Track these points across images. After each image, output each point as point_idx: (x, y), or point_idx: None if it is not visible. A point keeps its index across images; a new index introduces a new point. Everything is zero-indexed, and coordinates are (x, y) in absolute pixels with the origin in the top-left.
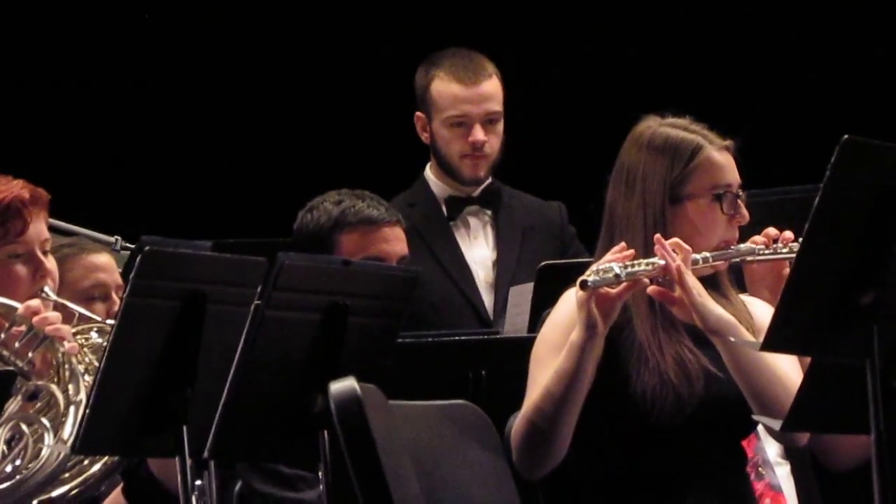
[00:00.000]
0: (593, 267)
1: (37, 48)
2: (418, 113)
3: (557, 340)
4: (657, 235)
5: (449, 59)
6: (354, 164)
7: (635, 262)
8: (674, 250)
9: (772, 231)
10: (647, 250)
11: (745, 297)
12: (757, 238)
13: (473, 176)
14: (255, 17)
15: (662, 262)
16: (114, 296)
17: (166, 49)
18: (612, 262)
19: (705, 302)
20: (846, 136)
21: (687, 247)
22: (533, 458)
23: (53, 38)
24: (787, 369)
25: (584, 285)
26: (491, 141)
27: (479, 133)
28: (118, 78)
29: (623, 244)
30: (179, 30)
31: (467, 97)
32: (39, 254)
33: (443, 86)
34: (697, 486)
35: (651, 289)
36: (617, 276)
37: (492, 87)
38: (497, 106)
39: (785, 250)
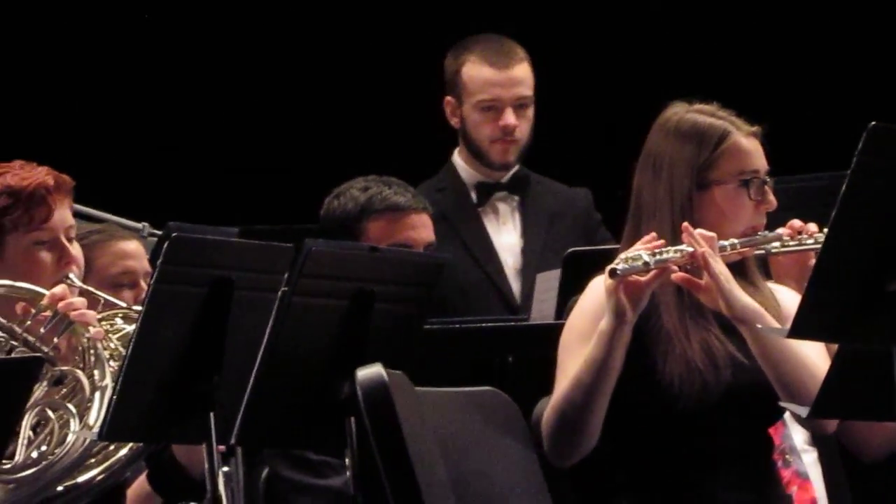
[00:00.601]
0: (622, 255)
1: (63, 34)
2: (448, 97)
3: (585, 328)
4: (685, 224)
5: (480, 43)
6: (381, 149)
7: (663, 249)
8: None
9: (796, 223)
10: (674, 236)
11: (772, 285)
12: (781, 230)
13: (503, 161)
14: (278, 3)
15: (690, 250)
16: (142, 283)
17: (192, 34)
18: (641, 251)
19: (732, 289)
20: (873, 123)
21: (713, 234)
22: (564, 446)
23: (78, 24)
24: (814, 356)
25: (613, 273)
26: (521, 126)
27: (510, 117)
28: (147, 64)
29: (653, 234)
30: (205, 15)
31: (498, 81)
32: (64, 240)
33: (474, 70)
34: (724, 472)
35: (676, 276)
36: (646, 263)
37: (523, 71)
38: (528, 91)
39: (810, 241)
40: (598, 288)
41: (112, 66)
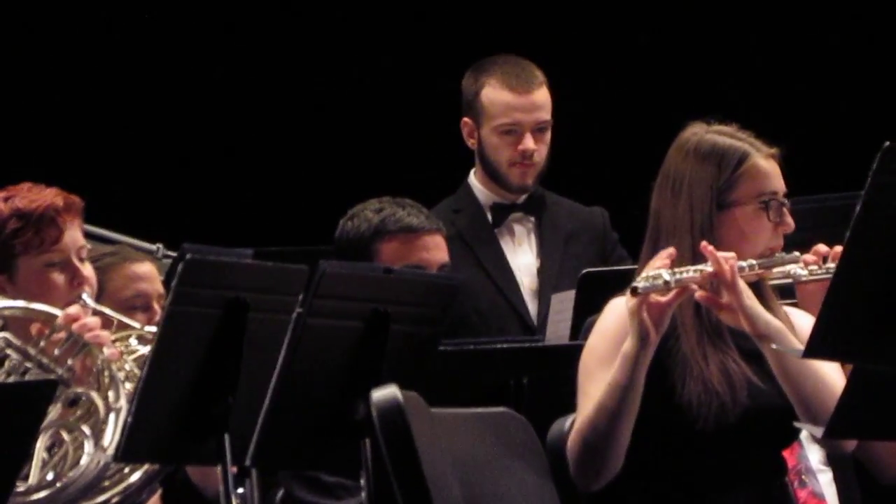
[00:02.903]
0: (642, 273)
1: (75, 55)
2: (466, 119)
3: (606, 351)
4: (704, 242)
5: (500, 66)
6: (396, 170)
7: (684, 268)
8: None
9: (822, 248)
10: (693, 256)
11: (787, 308)
12: (808, 257)
13: (521, 183)
14: (295, 22)
15: (710, 269)
16: (155, 306)
17: (208, 55)
18: (662, 269)
19: (754, 305)
20: (888, 144)
21: (732, 254)
22: (590, 471)
23: (90, 43)
24: (835, 376)
25: (634, 291)
26: (540, 149)
27: (529, 141)
28: (162, 85)
29: (670, 250)
30: (219, 37)
31: (519, 105)
32: (76, 261)
33: (494, 93)
34: (738, 494)
35: (699, 294)
36: (666, 282)
37: (542, 95)
38: (547, 115)
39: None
40: (616, 309)
41: (126, 87)
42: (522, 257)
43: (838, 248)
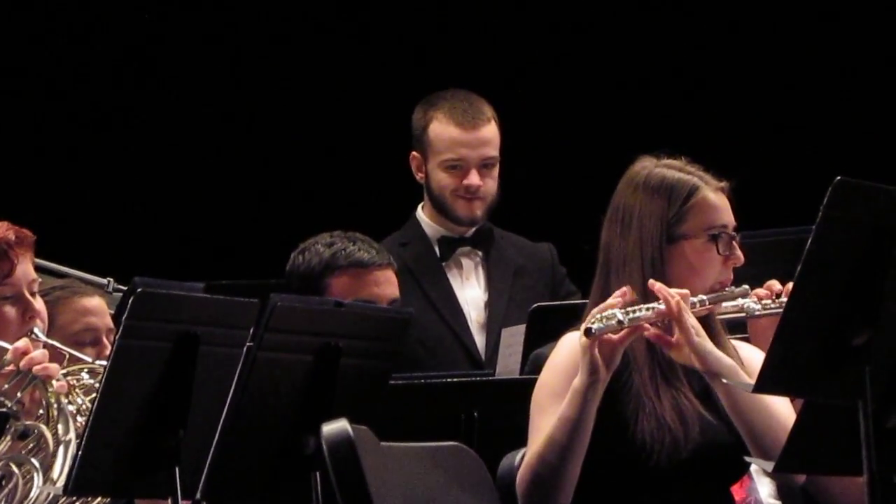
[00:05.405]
0: (595, 313)
1: (21, 88)
2: (414, 152)
3: (558, 385)
4: (651, 280)
5: (448, 101)
6: (347, 204)
7: (637, 307)
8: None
9: (775, 285)
10: (644, 290)
11: (735, 342)
12: (760, 291)
13: (469, 215)
14: (247, 57)
15: (662, 307)
16: (104, 340)
17: (158, 89)
18: (615, 309)
19: (704, 342)
20: (838, 178)
21: (685, 291)
22: None
23: (37, 78)
24: (785, 410)
25: (588, 332)
26: (487, 184)
27: (474, 177)
28: (111, 120)
29: (625, 289)
30: (166, 69)
31: (465, 141)
32: (28, 295)
33: (441, 128)
34: None
35: (649, 333)
36: (620, 321)
37: (489, 132)
38: (494, 151)
39: None
40: (568, 344)
41: (75, 121)
42: (470, 291)
43: (791, 286)
